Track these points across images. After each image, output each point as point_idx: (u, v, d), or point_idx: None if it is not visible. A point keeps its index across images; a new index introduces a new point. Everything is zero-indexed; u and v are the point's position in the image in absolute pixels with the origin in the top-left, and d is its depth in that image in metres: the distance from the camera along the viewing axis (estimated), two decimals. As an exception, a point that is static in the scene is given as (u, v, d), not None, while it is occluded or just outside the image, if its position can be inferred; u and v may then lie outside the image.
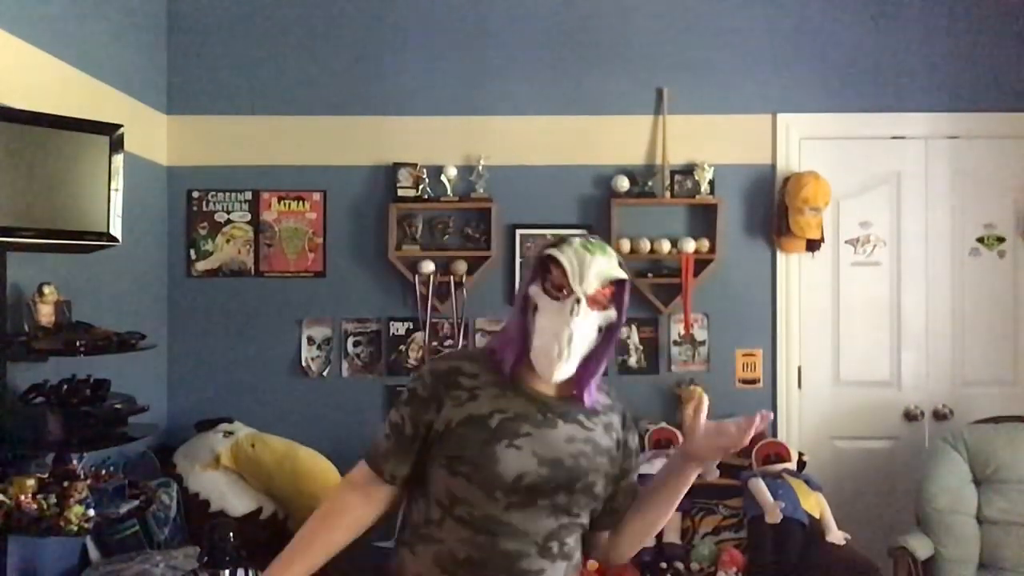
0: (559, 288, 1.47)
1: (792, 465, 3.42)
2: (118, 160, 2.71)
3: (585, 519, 1.55)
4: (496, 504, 1.44)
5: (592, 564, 2.93)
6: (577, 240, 1.51)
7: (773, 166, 3.84)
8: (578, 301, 1.45)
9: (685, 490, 1.58)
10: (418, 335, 3.84)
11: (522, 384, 1.52)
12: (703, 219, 3.81)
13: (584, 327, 1.46)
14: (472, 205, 3.79)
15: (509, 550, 1.45)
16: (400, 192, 3.78)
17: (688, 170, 3.80)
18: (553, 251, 1.48)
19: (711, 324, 3.82)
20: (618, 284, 1.51)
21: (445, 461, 1.48)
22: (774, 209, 3.81)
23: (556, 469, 1.46)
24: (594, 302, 1.47)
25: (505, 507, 1.45)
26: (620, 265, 1.52)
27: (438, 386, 1.51)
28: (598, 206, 3.82)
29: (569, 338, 1.44)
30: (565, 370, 1.46)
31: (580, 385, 1.52)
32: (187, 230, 3.87)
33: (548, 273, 1.49)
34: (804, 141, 3.84)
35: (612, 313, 1.51)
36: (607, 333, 1.52)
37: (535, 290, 1.50)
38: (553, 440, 1.47)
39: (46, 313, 2.58)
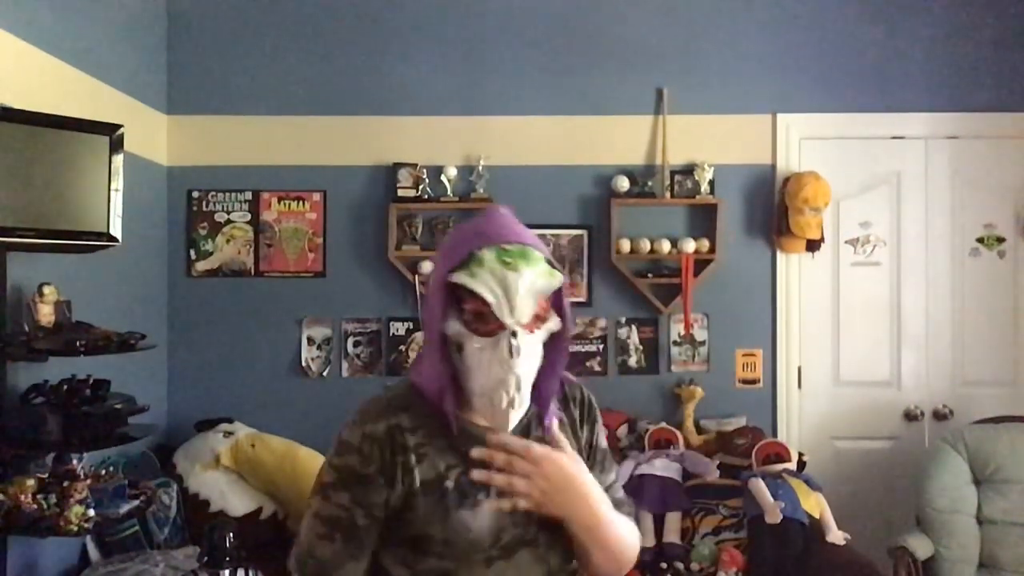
0: (484, 322, 1.19)
1: (792, 465, 3.42)
2: (118, 160, 2.72)
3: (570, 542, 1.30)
4: (475, 567, 1.23)
5: None
6: (488, 254, 1.18)
7: (773, 166, 3.84)
8: (514, 335, 1.17)
9: (588, 535, 1.26)
10: (418, 335, 3.84)
11: (466, 425, 1.26)
12: (703, 219, 3.81)
13: (528, 360, 1.20)
14: (472, 205, 3.78)
15: None
16: (400, 192, 3.78)
17: (688, 170, 3.80)
18: (464, 279, 1.17)
19: (711, 324, 3.82)
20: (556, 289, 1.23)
21: (405, 543, 1.23)
22: (774, 209, 3.81)
23: (527, 516, 1.23)
24: (532, 323, 1.21)
25: (485, 564, 1.23)
26: (550, 263, 1.24)
27: (383, 454, 1.22)
28: (598, 206, 3.82)
29: (517, 383, 1.18)
30: (518, 415, 1.22)
31: (541, 412, 1.28)
32: (187, 230, 3.87)
33: (462, 303, 1.20)
34: (804, 141, 3.84)
35: (554, 321, 1.24)
36: (554, 343, 1.25)
37: (455, 328, 1.20)
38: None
39: (46, 313, 2.58)
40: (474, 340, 1.19)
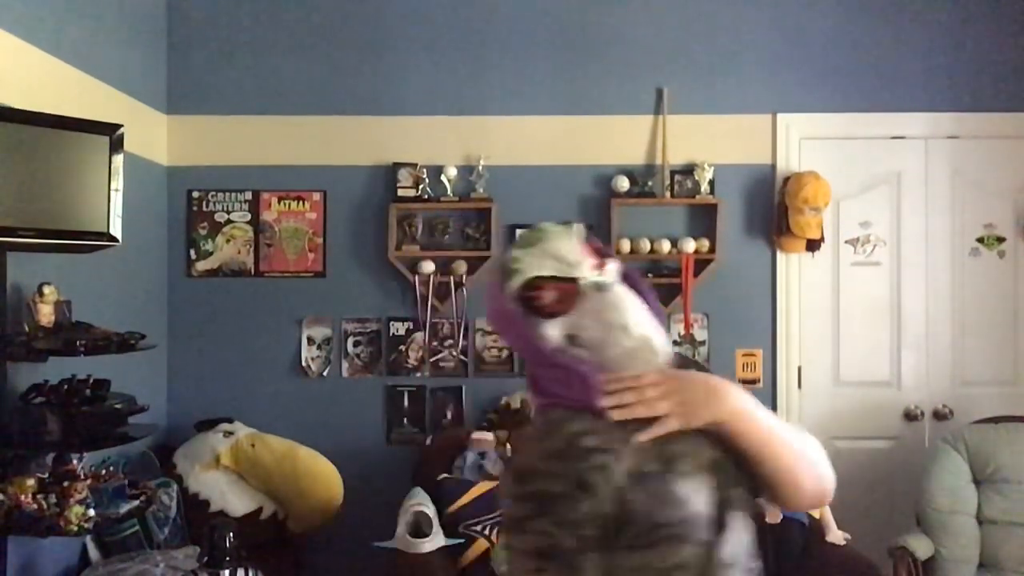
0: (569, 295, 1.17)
1: None
2: (118, 160, 2.72)
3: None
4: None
5: None
6: (516, 252, 1.20)
7: (773, 166, 3.84)
8: (598, 282, 1.15)
9: (756, 442, 1.14)
10: (418, 335, 3.84)
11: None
12: (703, 219, 3.81)
13: (629, 299, 1.18)
14: (472, 205, 3.79)
15: None
16: (400, 192, 3.78)
17: (688, 170, 3.80)
18: (518, 280, 1.17)
19: (711, 324, 3.82)
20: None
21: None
22: (774, 209, 3.81)
23: None
24: (599, 265, 1.17)
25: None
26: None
27: (573, 466, 1.10)
28: (598, 206, 3.82)
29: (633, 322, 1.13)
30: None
31: None
32: (187, 230, 3.87)
33: (537, 303, 1.17)
34: (804, 141, 3.84)
35: (613, 263, 1.20)
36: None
37: (554, 328, 1.15)
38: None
39: (46, 313, 2.58)
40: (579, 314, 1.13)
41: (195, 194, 3.86)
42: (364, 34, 3.87)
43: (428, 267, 3.76)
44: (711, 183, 3.77)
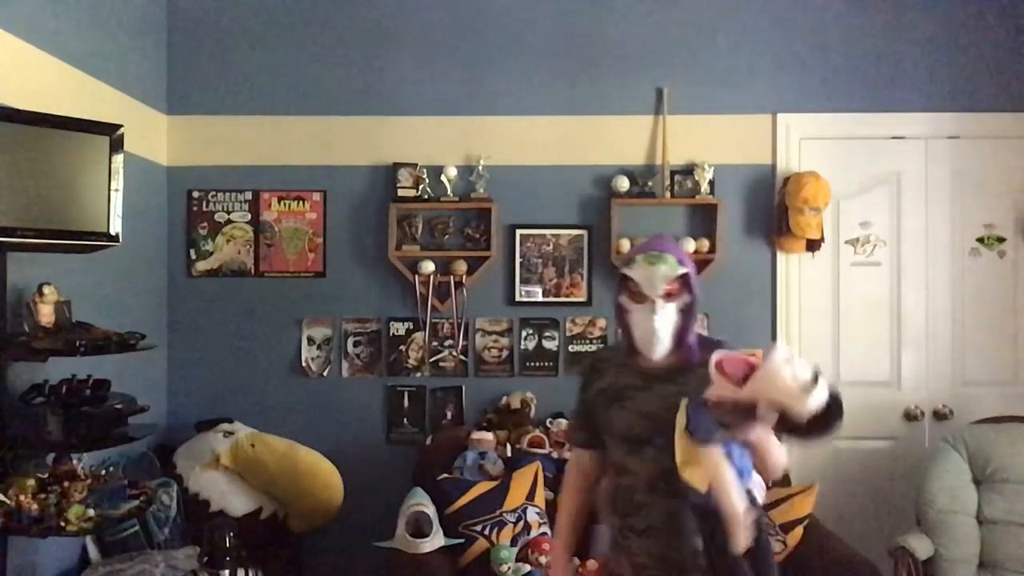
0: (639, 295, 1.89)
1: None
2: (118, 160, 2.72)
3: None
4: (620, 451, 1.91)
5: (592, 563, 2.92)
6: (640, 257, 1.91)
7: (773, 166, 3.84)
8: (654, 302, 1.87)
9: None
10: (418, 335, 3.84)
11: (633, 362, 1.95)
12: (703, 219, 3.81)
13: (665, 318, 1.88)
14: (472, 205, 3.79)
15: (624, 485, 1.90)
16: (400, 192, 3.78)
17: (688, 170, 3.80)
18: (626, 271, 1.92)
19: (711, 324, 3.82)
20: (682, 276, 1.89)
21: (600, 424, 1.98)
22: (774, 209, 3.81)
23: (651, 420, 1.85)
24: (668, 296, 1.88)
25: (625, 453, 1.90)
26: (680, 262, 1.89)
27: (588, 372, 2.06)
28: (598, 206, 3.82)
29: (655, 331, 1.87)
30: (660, 350, 1.89)
31: (682, 348, 1.91)
32: (187, 230, 3.87)
33: (628, 285, 1.91)
34: (804, 141, 3.84)
35: (686, 297, 1.90)
36: (687, 309, 1.91)
37: (624, 300, 1.92)
38: (649, 399, 1.88)
39: (46, 313, 2.58)
40: (634, 305, 1.90)
41: (195, 194, 3.87)
42: (364, 34, 3.88)
43: (428, 267, 3.76)
44: (711, 183, 3.77)
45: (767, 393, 1.63)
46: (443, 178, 3.76)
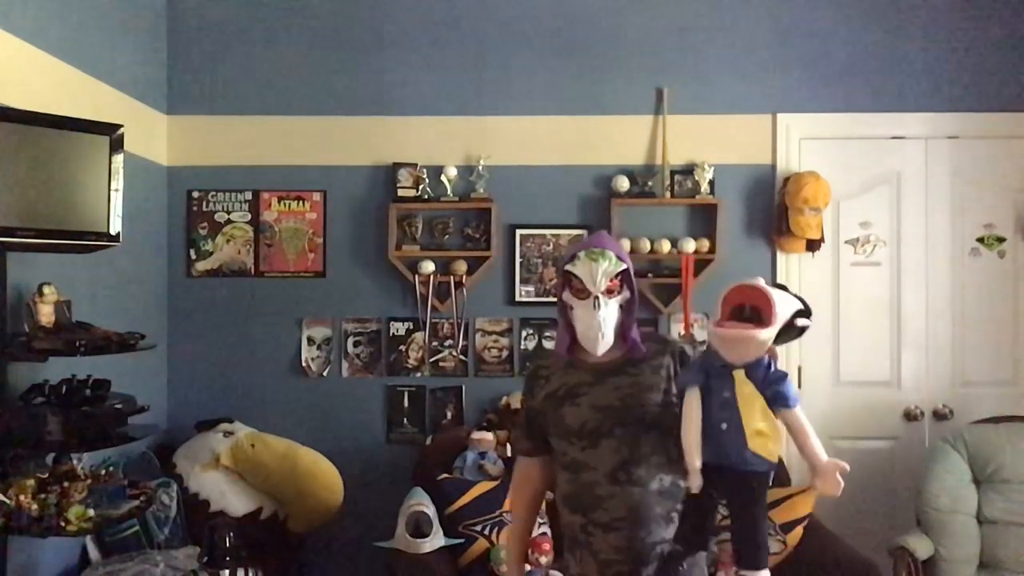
0: (582, 292, 1.93)
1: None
2: (118, 160, 2.72)
3: (658, 450, 1.89)
4: (575, 449, 1.93)
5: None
6: (582, 254, 1.95)
7: (773, 166, 3.84)
8: (597, 298, 1.90)
9: None
10: (418, 335, 3.84)
11: (579, 361, 1.99)
12: (703, 219, 3.81)
13: (608, 312, 1.92)
14: (472, 205, 3.79)
15: (585, 482, 1.91)
16: (400, 192, 3.78)
17: (688, 170, 3.80)
18: (569, 267, 1.96)
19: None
20: (622, 273, 1.94)
21: (549, 429, 2.00)
22: (774, 209, 3.81)
23: (606, 412, 1.91)
24: (608, 292, 1.92)
25: (582, 449, 1.92)
26: (620, 259, 1.94)
27: (531, 381, 2.09)
28: (598, 206, 3.82)
29: (599, 324, 1.90)
30: (604, 345, 1.93)
31: (626, 343, 1.96)
32: (187, 230, 3.87)
33: (571, 282, 1.95)
34: (804, 141, 3.84)
35: (626, 292, 1.96)
36: (627, 306, 1.97)
37: (567, 296, 1.96)
38: (602, 392, 1.93)
39: (46, 313, 2.58)
40: (577, 301, 1.93)
41: (195, 194, 3.87)
42: (364, 34, 3.88)
43: (428, 267, 3.76)
44: (711, 183, 3.77)
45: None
46: (443, 178, 3.76)
